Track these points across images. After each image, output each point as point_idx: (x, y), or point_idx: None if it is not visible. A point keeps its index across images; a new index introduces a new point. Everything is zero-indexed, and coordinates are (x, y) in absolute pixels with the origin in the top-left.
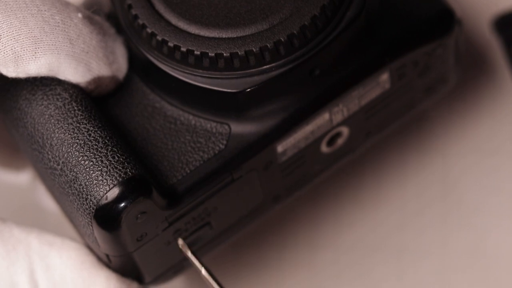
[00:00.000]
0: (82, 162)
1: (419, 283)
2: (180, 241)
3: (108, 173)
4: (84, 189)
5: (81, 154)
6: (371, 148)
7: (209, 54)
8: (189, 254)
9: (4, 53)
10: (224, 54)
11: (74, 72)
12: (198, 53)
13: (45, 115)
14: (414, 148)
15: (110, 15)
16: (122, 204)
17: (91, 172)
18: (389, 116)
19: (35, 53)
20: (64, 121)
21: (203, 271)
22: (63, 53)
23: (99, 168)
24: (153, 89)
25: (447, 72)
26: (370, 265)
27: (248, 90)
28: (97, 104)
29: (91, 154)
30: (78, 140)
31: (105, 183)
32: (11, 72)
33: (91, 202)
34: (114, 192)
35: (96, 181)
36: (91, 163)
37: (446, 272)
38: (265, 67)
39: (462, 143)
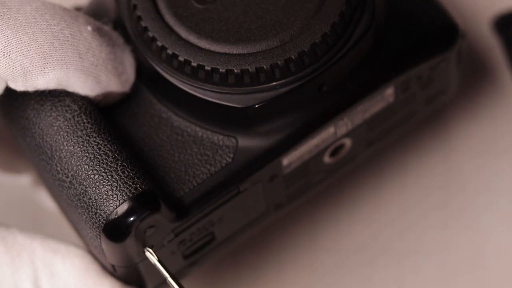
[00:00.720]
0: (92, 176)
1: (421, 287)
2: (148, 250)
3: (118, 188)
4: (94, 203)
5: (90, 168)
6: (373, 152)
7: (220, 70)
8: (156, 262)
9: (13, 68)
10: (235, 71)
11: (83, 86)
12: (209, 68)
13: (54, 127)
14: (416, 151)
15: (116, 23)
16: (132, 219)
17: (101, 186)
18: (390, 126)
19: (44, 68)
20: (73, 133)
21: (169, 278)
22: (72, 68)
23: (109, 183)
24: (159, 99)
25: (449, 83)
26: (371, 268)
27: (257, 106)
28: (104, 113)
29: (101, 169)
30: (88, 154)
31: (115, 198)
32: (19, 86)
33: (100, 217)
34: (123, 207)
35: (106, 196)
36: (101, 177)
37: (448, 276)
38: (274, 83)
39: (463, 145)
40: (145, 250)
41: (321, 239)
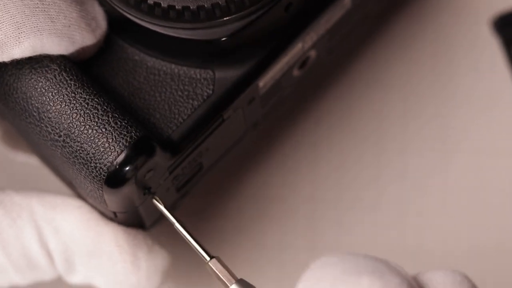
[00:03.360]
0: (86, 132)
1: None
2: (155, 198)
3: (114, 139)
4: (92, 158)
5: (82, 124)
6: (371, 149)
7: (191, 7)
8: (164, 210)
9: None
10: (206, 6)
11: (57, 48)
12: (180, 7)
13: (38, 89)
14: (414, 148)
15: None
16: (131, 167)
17: (97, 140)
18: (347, 31)
19: (19, 38)
20: (58, 92)
21: (176, 224)
22: (45, 33)
23: (104, 136)
24: (130, 43)
25: None
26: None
27: (229, 36)
28: (79, 67)
29: (93, 123)
30: (77, 110)
31: (113, 150)
32: None
33: (101, 170)
34: (122, 157)
35: (103, 149)
36: (95, 131)
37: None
38: (245, 12)
39: (462, 143)
40: (153, 199)
41: (319, 237)
